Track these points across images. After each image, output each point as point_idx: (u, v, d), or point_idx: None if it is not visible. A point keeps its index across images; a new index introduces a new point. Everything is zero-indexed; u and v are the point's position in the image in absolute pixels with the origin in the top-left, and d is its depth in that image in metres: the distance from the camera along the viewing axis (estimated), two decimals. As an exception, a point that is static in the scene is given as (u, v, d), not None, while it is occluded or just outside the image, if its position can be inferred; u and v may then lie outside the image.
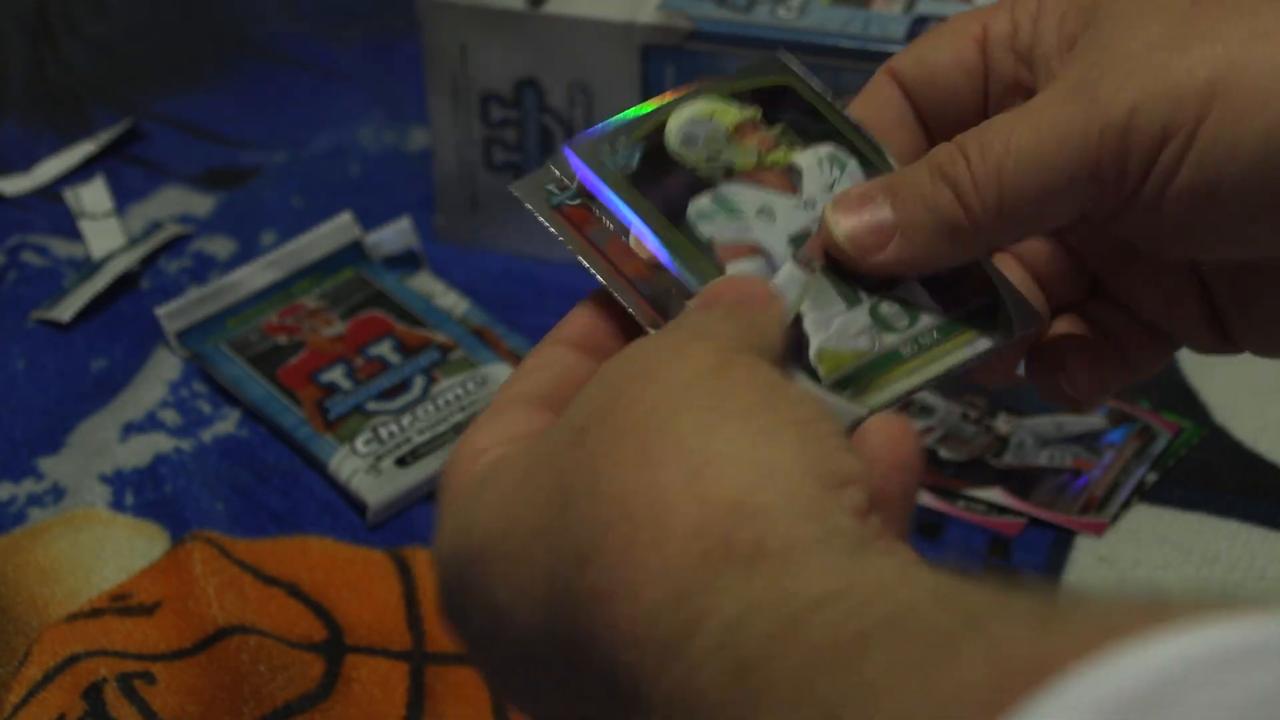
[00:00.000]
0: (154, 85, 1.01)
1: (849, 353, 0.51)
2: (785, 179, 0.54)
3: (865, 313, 0.52)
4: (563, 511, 0.44)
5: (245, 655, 0.67)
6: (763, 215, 0.53)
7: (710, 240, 0.52)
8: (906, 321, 0.52)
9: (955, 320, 0.53)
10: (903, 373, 0.52)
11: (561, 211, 0.53)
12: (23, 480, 0.77)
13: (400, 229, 0.87)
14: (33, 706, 0.66)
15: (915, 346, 0.52)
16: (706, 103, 0.55)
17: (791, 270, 0.52)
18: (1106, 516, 0.73)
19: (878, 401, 0.51)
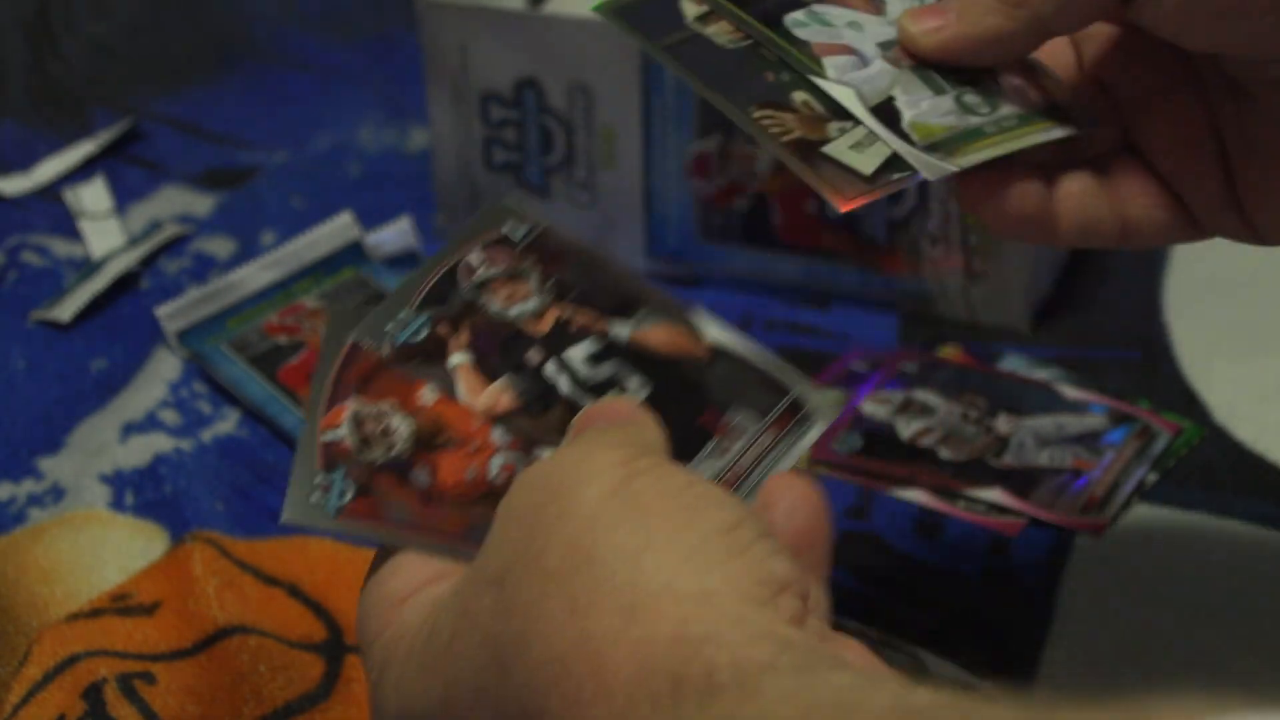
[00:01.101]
0: (154, 85, 1.01)
1: (938, 125, 0.55)
2: (870, 3, 0.58)
3: (951, 99, 0.56)
4: (501, 674, 0.43)
5: (245, 655, 0.67)
6: (853, 27, 0.57)
7: (806, 41, 0.56)
8: (988, 109, 0.56)
9: (1031, 112, 0.56)
10: (988, 144, 0.55)
11: (344, 513, 0.53)
12: (23, 480, 0.77)
13: (400, 229, 0.87)
14: (33, 706, 0.66)
15: (997, 127, 0.55)
16: None
17: (881, 64, 0.56)
18: (1106, 516, 0.73)
19: (967, 161, 0.54)
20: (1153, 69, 0.57)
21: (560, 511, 0.44)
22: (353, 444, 0.53)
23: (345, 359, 0.54)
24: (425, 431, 0.54)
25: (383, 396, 0.54)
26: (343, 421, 0.54)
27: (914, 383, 0.79)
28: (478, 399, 0.53)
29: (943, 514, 0.73)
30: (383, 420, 0.54)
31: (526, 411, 0.53)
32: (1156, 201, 0.57)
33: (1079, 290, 0.84)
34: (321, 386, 0.54)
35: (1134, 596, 0.70)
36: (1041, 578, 0.70)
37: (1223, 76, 0.56)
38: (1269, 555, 0.71)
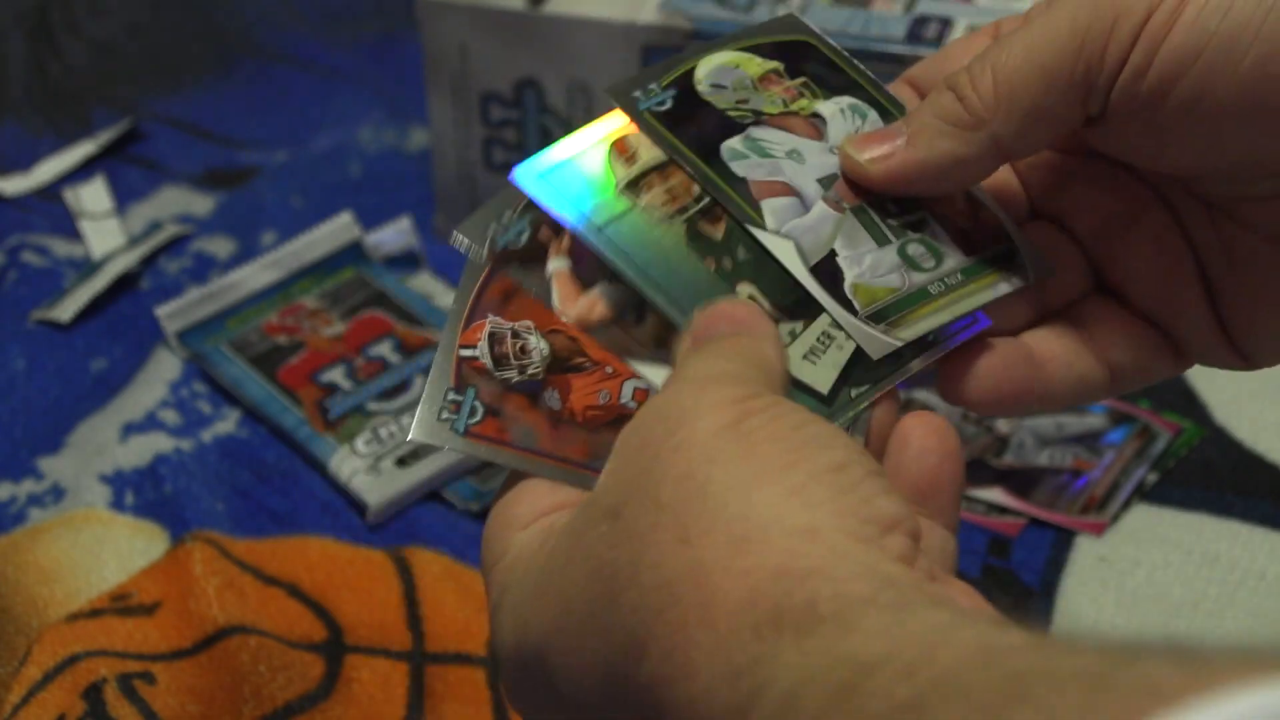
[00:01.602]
0: (154, 85, 1.01)
1: (881, 288, 0.52)
2: (811, 126, 0.55)
3: (894, 252, 0.53)
4: (610, 601, 0.44)
5: (245, 655, 0.67)
6: (792, 157, 0.54)
7: (744, 179, 0.53)
8: (933, 263, 0.53)
9: (977, 264, 0.53)
10: (932, 309, 0.52)
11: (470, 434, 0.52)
12: (23, 480, 0.77)
13: (400, 229, 0.87)
14: (33, 706, 0.66)
15: (942, 285, 0.53)
16: (730, 54, 0.56)
17: (823, 209, 0.53)
18: (1106, 516, 0.73)
19: (910, 334, 0.52)
20: (1115, 196, 0.54)
21: (676, 445, 0.45)
22: (488, 362, 0.53)
23: (488, 275, 0.54)
24: (561, 353, 0.53)
25: (522, 314, 0.54)
26: (480, 339, 0.53)
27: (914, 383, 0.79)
28: (571, 308, 0.53)
29: (943, 514, 0.74)
30: (520, 339, 0.53)
31: (620, 321, 0.53)
32: (1140, 341, 0.55)
33: (1079, 290, 0.84)
34: (461, 301, 0.54)
35: (1134, 596, 0.70)
36: (1041, 578, 0.70)
37: (1193, 196, 0.54)
38: (1269, 555, 0.71)
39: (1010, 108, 0.51)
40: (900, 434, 0.49)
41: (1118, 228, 0.55)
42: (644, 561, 0.43)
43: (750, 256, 0.53)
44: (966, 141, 0.51)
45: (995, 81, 0.51)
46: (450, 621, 0.70)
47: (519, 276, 0.53)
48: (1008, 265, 0.54)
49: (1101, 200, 0.55)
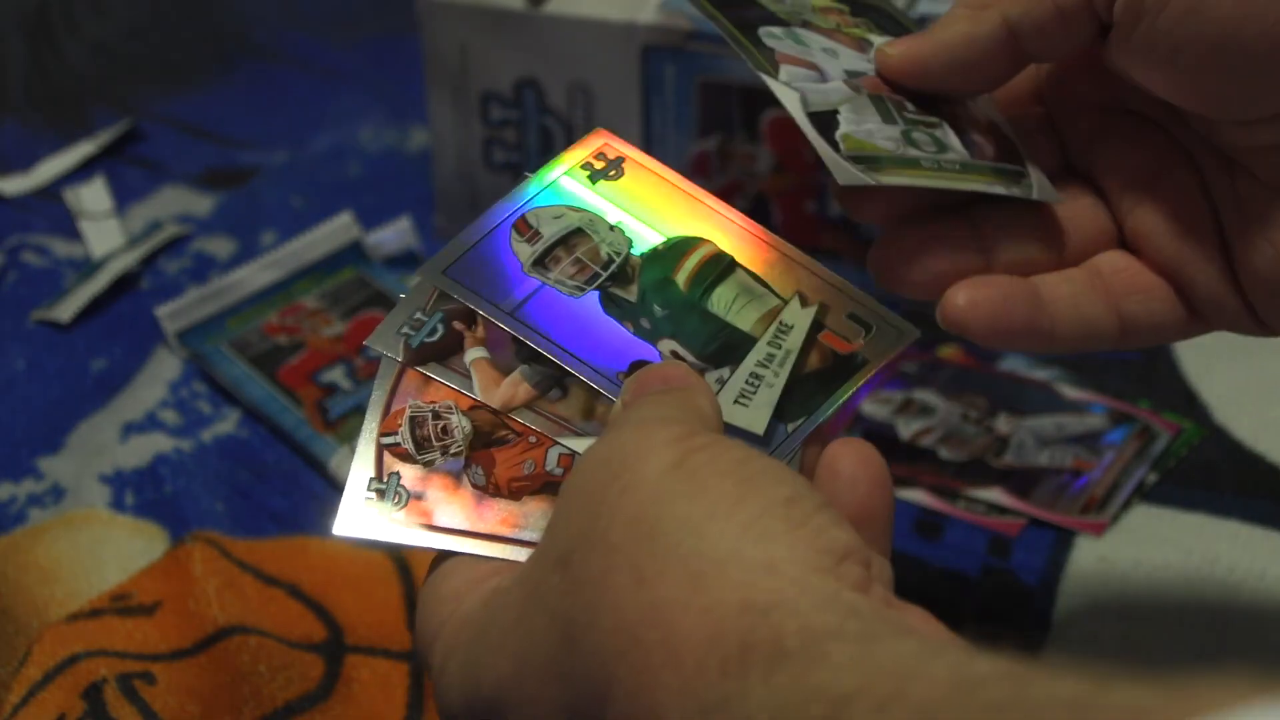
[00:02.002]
0: (154, 85, 1.01)
1: (871, 145, 0.53)
2: (856, 43, 0.56)
3: (898, 130, 0.54)
4: (569, 648, 0.44)
5: (245, 655, 0.67)
6: (828, 53, 0.55)
7: (772, 49, 0.54)
8: (934, 149, 0.54)
9: (980, 165, 0.54)
10: (917, 174, 0.53)
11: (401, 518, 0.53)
12: (23, 480, 0.77)
13: (400, 229, 0.87)
14: (33, 706, 0.66)
15: (935, 165, 0.54)
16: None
17: (839, 84, 0.54)
18: (1106, 516, 0.73)
19: (889, 180, 0.52)
20: (1143, 151, 0.56)
21: (622, 488, 0.45)
22: (410, 447, 0.53)
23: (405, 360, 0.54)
24: (484, 428, 0.53)
25: (443, 395, 0.54)
26: (401, 424, 0.53)
27: (914, 383, 0.79)
28: (494, 395, 0.53)
29: (943, 514, 0.73)
30: (441, 419, 0.54)
31: (544, 400, 0.53)
32: (1155, 294, 0.56)
33: (1079, 290, 0.84)
34: (382, 388, 0.54)
35: (1134, 596, 0.70)
36: (1041, 578, 0.70)
37: (1215, 152, 0.55)
38: (1269, 555, 0.71)
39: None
40: (828, 463, 0.49)
41: (1143, 182, 0.56)
42: (601, 605, 0.43)
43: (666, 313, 0.53)
44: (978, 20, 0.54)
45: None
46: (450, 621, 0.70)
47: (437, 373, 0.53)
48: (1011, 177, 0.55)
49: (1130, 155, 0.56)
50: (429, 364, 0.53)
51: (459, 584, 0.50)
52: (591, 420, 0.52)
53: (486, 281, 0.53)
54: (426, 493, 0.52)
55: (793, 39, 0.55)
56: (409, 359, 0.54)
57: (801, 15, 0.57)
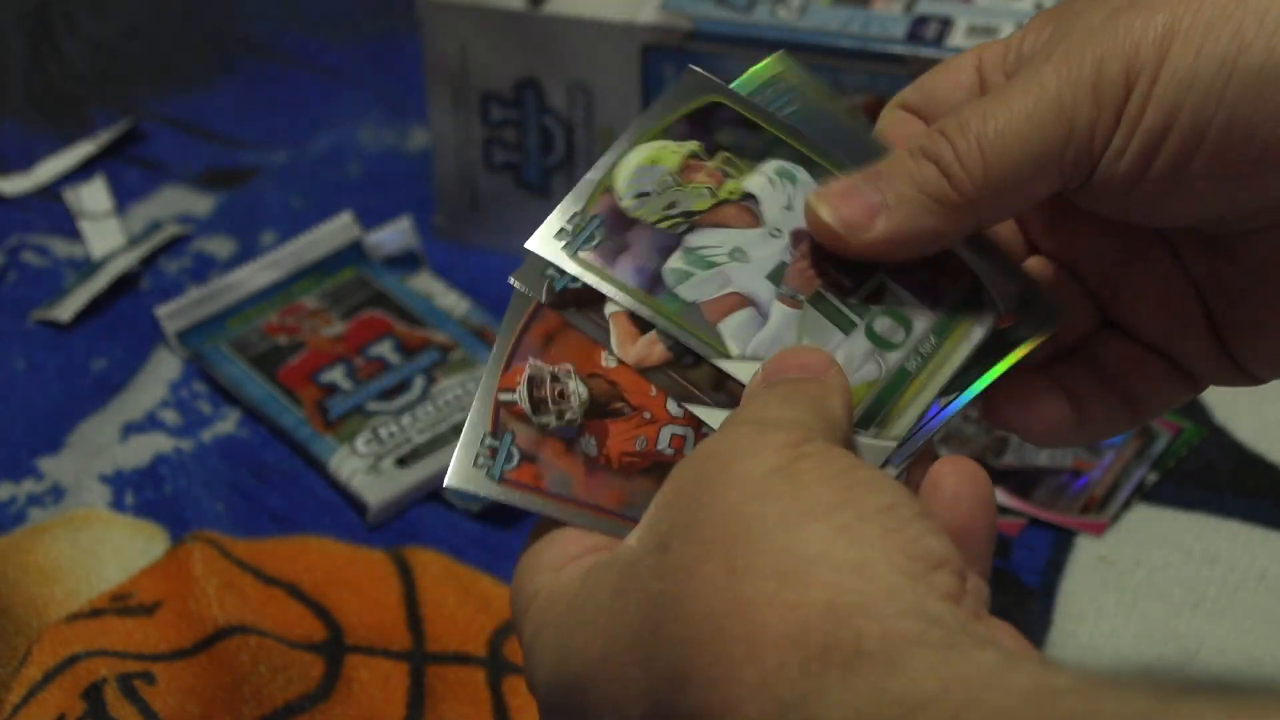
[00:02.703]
0: (154, 85, 1.01)
1: (861, 386, 0.52)
2: (745, 212, 0.54)
3: (863, 336, 0.52)
4: (656, 631, 0.44)
5: (245, 655, 0.67)
6: (736, 257, 0.53)
7: (695, 302, 0.52)
8: (903, 334, 0.52)
9: (946, 316, 0.53)
10: (915, 390, 0.52)
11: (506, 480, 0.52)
12: (23, 480, 0.77)
13: (400, 229, 0.87)
14: (33, 706, 0.66)
15: (918, 358, 0.52)
16: (644, 150, 0.54)
17: (781, 311, 0.52)
18: (1106, 516, 0.73)
19: (901, 429, 0.51)
20: (1113, 237, 0.55)
21: (727, 481, 0.45)
22: (526, 406, 0.53)
23: (530, 315, 0.54)
24: (600, 397, 0.53)
25: (563, 358, 0.53)
26: (519, 382, 0.53)
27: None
28: (629, 350, 0.52)
29: (943, 514, 0.73)
30: (559, 383, 0.53)
31: (678, 364, 0.52)
32: (1153, 372, 0.55)
33: (1079, 290, 0.84)
34: (504, 343, 0.53)
35: (1134, 596, 0.70)
36: (1041, 578, 0.70)
37: (1194, 234, 0.54)
38: (1269, 555, 0.71)
39: (999, 191, 0.50)
40: (932, 479, 0.49)
41: (1118, 268, 0.55)
42: (690, 593, 0.44)
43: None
44: (952, 221, 0.51)
45: (985, 164, 0.50)
46: (450, 621, 0.70)
47: (576, 320, 0.53)
48: (975, 305, 0.53)
49: (1100, 242, 0.55)
50: (569, 309, 0.53)
51: (558, 555, 0.50)
52: (721, 391, 0.52)
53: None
54: (540, 456, 0.52)
55: (700, 266, 0.53)
56: (551, 301, 0.53)
57: (677, 205, 0.54)
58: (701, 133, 0.55)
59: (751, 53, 0.79)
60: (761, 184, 0.54)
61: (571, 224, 0.53)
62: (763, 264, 0.53)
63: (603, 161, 0.54)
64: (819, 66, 0.79)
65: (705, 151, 0.55)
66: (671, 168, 0.54)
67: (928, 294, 0.53)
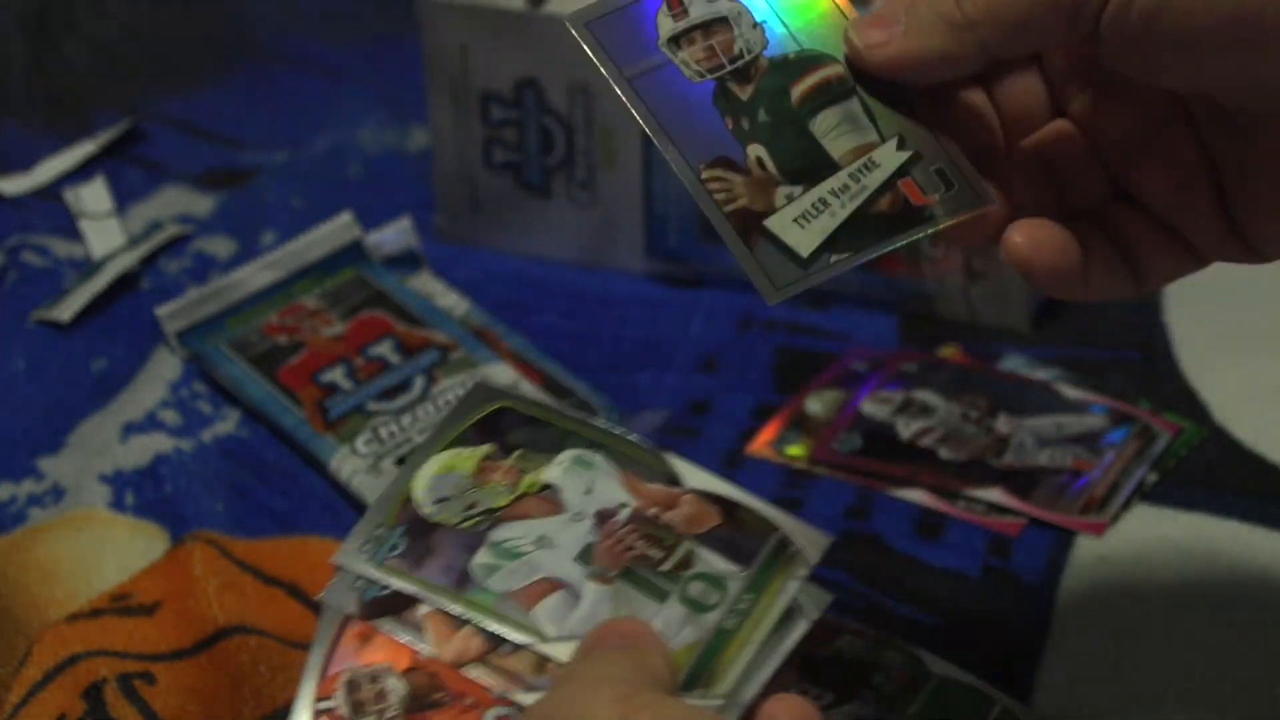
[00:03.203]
0: (154, 85, 1.01)
1: (681, 650, 0.53)
2: (545, 502, 0.55)
3: (677, 603, 0.53)
4: None
5: (245, 655, 0.67)
6: (542, 544, 0.55)
7: (506, 592, 0.53)
8: (717, 595, 0.54)
9: (758, 570, 0.54)
10: (736, 647, 0.53)
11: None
12: (23, 480, 0.77)
13: (400, 229, 0.87)
14: (33, 706, 0.66)
15: (737, 616, 0.53)
16: (439, 459, 0.56)
17: (594, 589, 0.54)
18: (1106, 517, 0.73)
19: (727, 686, 0.52)
20: (1139, 110, 0.57)
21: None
22: (346, 712, 0.54)
23: (342, 623, 0.55)
24: (420, 691, 0.54)
25: (380, 656, 0.54)
26: (337, 688, 0.54)
27: (914, 383, 0.79)
28: (447, 648, 0.53)
29: (943, 514, 0.73)
30: (378, 683, 0.54)
31: (497, 654, 0.53)
32: (1161, 244, 0.57)
33: (1079, 290, 0.84)
34: (320, 652, 0.55)
35: (1134, 596, 0.70)
36: (1041, 578, 0.70)
37: (1213, 107, 0.55)
38: (1269, 555, 0.71)
39: (998, 19, 0.53)
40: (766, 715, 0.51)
41: (1138, 139, 0.57)
42: None
43: (768, 120, 0.53)
44: (958, 41, 0.54)
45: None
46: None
47: (390, 628, 0.54)
48: (787, 558, 0.55)
49: (1122, 110, 0.57)
50: (384, 618, 0.54)
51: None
52: (544, 675, 0.53)
53: (619, 45, 0.54)
54: None
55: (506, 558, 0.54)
56: (363, 612, 0.54)
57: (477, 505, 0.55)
58: (494, 436, 0.57)
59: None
60: (558, 474, 0.56)
61: (376, 535, 0.55)
62: (569, 547, 0.54)
63: (399, 476, 0.56)
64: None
65: (500, 451, 0.56)
66: (468, 472, 0.56)
67: (737, 552, 0.55)
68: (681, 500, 0.56)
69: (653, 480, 0.56)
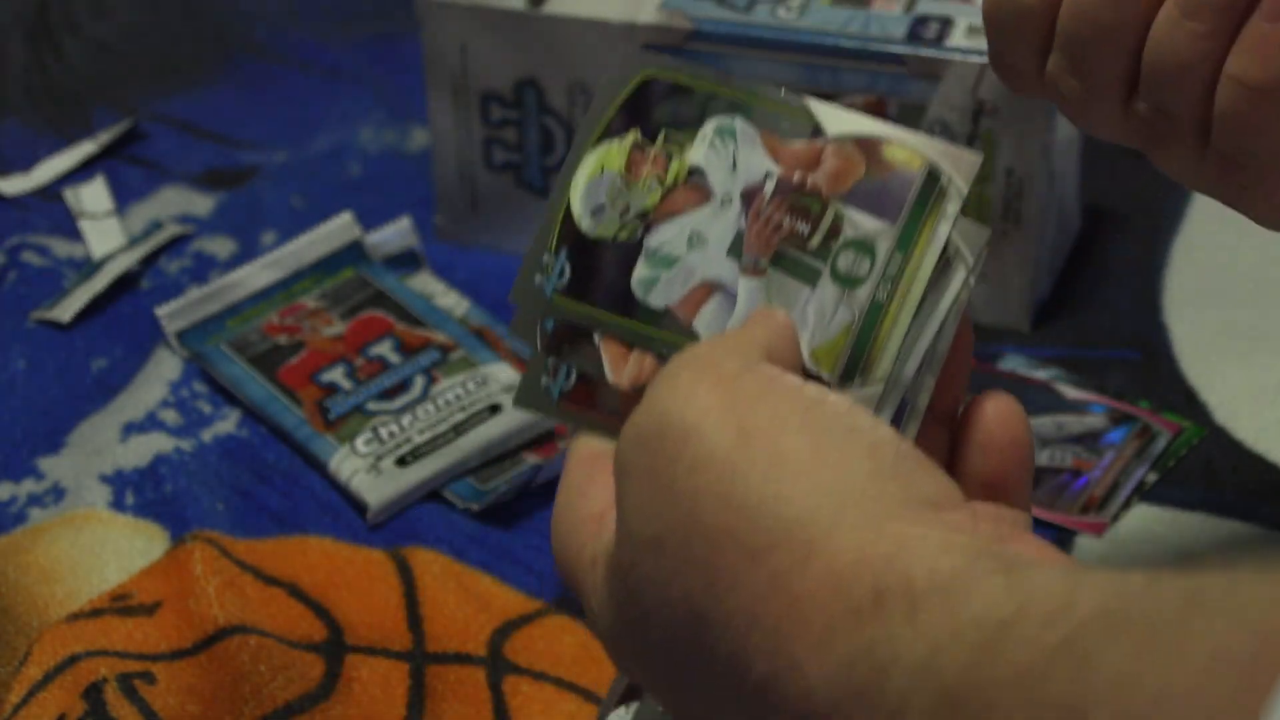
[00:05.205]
0: (154, 85, 1.01)
1: (837, 337, 0.51)
2: (693, 190, 0.54)
3: (828, 281, 0.51)
4: (696, 632, 0.44)
5: (245, 655, 0.67)
6: (694, 243, 0.53)
7: (665, 308, 0.52)
8: (867, 263, 0.51)
9: (906, 223, 0.52)
10: (890, 321, 0.51)
11: (565, 399, 0.53)
12: (23, 480, 0.77)
13: (400, 229, 0.87)
14: (33, 706, 0.66)
15: (888, 285, 0.51)
16: (591, 159, 0.54)
17: (748, 283, 0.52)
18: (1106, 516, 0.73)
19: (884, 369, 0.50)
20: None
21: (690, 467, 0.45)
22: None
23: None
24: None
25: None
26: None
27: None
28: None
29: (943, 514, 0.73)
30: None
31: None
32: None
33: (1079, 290, 0.84)
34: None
35: (1134, 596, 0.70)
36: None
37: None
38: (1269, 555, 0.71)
39: None
40: (969, 416, 0.49)
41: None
42: (720, 585, 0.43)
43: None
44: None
45: None
46: (450, 621, 0.70)
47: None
48: (934, 192, 0.52)
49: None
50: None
51: (602, 501, 0.49)
52: None
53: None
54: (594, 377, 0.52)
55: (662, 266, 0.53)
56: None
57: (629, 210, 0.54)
58: (640, 117, 0.55)
59: (751, 53, 0.79)
60: (703, 154, 0.54)
61: (543, 264, 0.54)
62: (720, 241, 0.53)
63: (559, 182, 0.54)
64: (819, 66, 0.79)
65: (645, 137, 0.54)
66: (618, 169, 0.54)
67: (884, 205, 0.52)
68: (824, 154, 0.53)
69: (795, 135, 0.53)
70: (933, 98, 0.78)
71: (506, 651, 0.69)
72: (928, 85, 0.78)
